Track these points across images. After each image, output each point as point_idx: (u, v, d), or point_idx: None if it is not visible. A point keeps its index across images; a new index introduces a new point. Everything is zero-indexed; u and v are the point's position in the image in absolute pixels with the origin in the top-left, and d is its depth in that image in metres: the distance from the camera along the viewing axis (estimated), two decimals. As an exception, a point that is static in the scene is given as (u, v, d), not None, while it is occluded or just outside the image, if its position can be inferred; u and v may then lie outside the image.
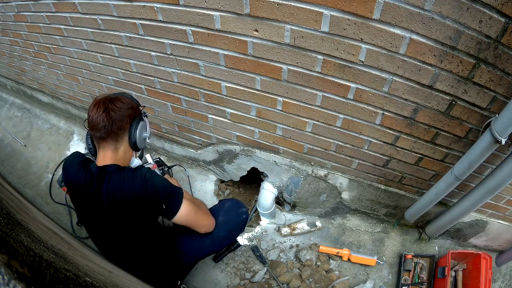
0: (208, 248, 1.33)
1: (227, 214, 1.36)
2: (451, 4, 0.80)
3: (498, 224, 1.53)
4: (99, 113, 0.98)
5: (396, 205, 1.55)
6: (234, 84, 1.29)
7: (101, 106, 0.99)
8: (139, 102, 1.14)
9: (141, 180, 0.98)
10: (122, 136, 1.04)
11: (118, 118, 1.01)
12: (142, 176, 0.99)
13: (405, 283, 1.55)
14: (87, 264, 0.75)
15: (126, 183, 0.97)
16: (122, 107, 1.03)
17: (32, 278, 0.36)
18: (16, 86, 2.67)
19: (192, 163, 1.97)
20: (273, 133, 1.43)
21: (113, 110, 1.00)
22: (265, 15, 0.99)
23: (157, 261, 1.21)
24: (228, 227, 1.34)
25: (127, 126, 1.05)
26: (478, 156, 1.03)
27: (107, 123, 0.99)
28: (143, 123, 1.11)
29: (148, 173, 1.00)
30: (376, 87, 1.06)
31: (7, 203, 0.79)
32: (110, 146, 1.03)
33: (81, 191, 1.02)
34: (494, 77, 0.93)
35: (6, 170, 2.41)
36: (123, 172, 0.99)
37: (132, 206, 0.99)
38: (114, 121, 1.00)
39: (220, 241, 1.34)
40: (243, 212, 1.41)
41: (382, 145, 1.26)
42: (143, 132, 1.11)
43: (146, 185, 0.98)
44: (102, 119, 0.98)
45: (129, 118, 1.05)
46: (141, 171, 1.01)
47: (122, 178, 0.98)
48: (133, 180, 0.97)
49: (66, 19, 1.49)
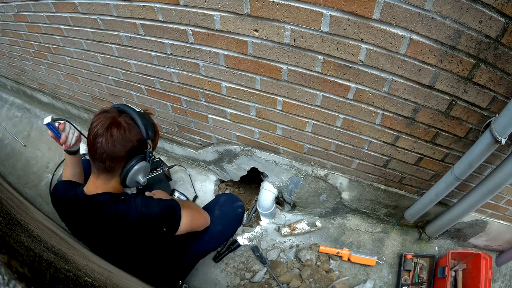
0: (207, 245, 1.34)
1: (222, 208, 1.37)
2: (451, 4, 0.80)
3: (498, 224, 1.53)
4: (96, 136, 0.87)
5: (396, 205, 1.55)
6: (234, 84, 1.29)
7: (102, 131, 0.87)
8: (151, 132, 0.97)
9: (137, 214, 0.94)
10: (113, 172, 0.94)
11: (110, 155, 0.89)
12: (138, 210, 0.94)
13: (405, 283, 1.55)
14: (87, 264, 0.75)
15: (123, 217, 0.94)
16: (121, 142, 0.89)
17: (32, 278, 0.36)
18: (16, 86, 2.67)
19: (192, 163, 1.97)
20: (273, 133, 1.43)
21: (108, 143, 0.87)
22: (265, 15, 0.99)
23: (158, 261, 1.21)
24: (224, 221, 1.34)
25: (119, 163, 0.93)
26: (478, 156, 1.03)
27: (98, 155, 0.89)
28: (142, 164, 0.96)
29: (143, 207, 0.95)
30: (376, 87, 1.06)
31: (7, 203, 0.79)
32: (101, 176, 0.95)
33: (72, 209, 0.99)
34: (494, 77, 0.93)
35: (6, 170, 2.41)
36: (117, 205, 0.94)
37: (132, 235, 0.99)
38: (107, 156, 0.89)
39: (218, 236, 1.34)
40: (239, 206, 1.40)
41: (382, 145, 1.26)
42: (138, 175, 0.96)
43: (144, 218, 0.95)
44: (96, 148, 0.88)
45: (125, 157, 0.92)
46: (136, 203, 0.95)
47: (117, 211, 0.94)
48: (128, 214, 0.94)
49: (66, 19, 1.49)
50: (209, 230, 1.29)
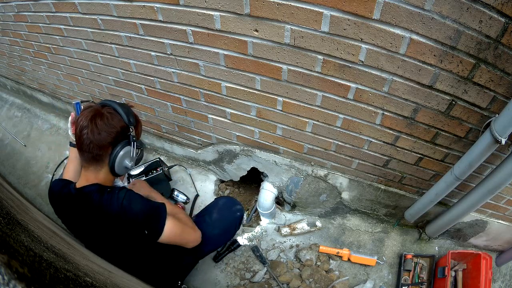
0: (204, 248, 1.32)
1: (221, 211, 1.35)
2: (451, 4, 0.80)
3: (498, 224, 1.53)
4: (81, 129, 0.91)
5: (396, 205, 1.55)
6: (234, 84, 1.29)
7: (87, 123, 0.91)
8: (132, 119, 1.02)
9: (118, 206, 0.93)
10: (101, 161, 0.97)
11: (98, 143, 0.92)
12: (119, 203, 0.94)
13: (405, 283, 1.55)
14: (87, 264, 0.75)
15: (105, 207, 0.94)
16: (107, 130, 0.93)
17: (32, 278, 0.36)
18: (16, 86, 2.67)
19: (192, 163, 1.97)
20: (273, 133, 1.43)
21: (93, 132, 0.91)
22: (265, 15, 0.99)
23: (156, 262, 1.20)
24: (222, 225, 1.33)
25: (107, 150, 0.96)
26: (478, 156, 1.03)
27: (86, 145, 0.92)
28: (127, 149, 0.99)
29: (125, 200, 0.95)
30: (376, 87, 1.06)
31: (7, 203, 0.79)
32: (91, 167, 0.98)
33: (66, 205, 1.01)
34: (494, 77, 0.93)
35: (6, 170, 2.41)
36: (102, 196, 0.95)
37: (114, 230, 0.98)
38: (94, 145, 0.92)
39: (215, 240, 1.33)
40: (238, 210, 1.38)
41: (382, 145, 1.26)
42: (124, 159, 1.00)
43: (125, 213, 0.94)
44: (82, 139, 0.92)
45: (111, 144, 0.95)
46: (118, 196, 0.95)
47: (100, 202, 0.94)
48: (110, 205, 0.93)
49: (66, 19, 1.49)
50: (207, 233, 1.26)
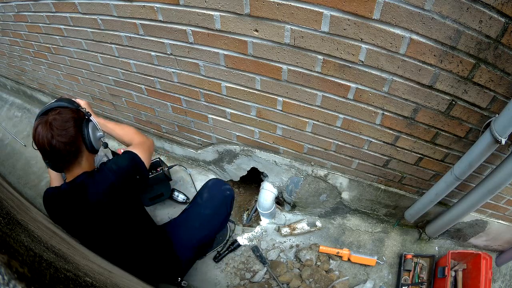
0: (198, 232, 1.35)
1: (210, 190, 1.41)
2: (451, 4, 0.80)
3: (498, 224, 1.53)
4: (49, 142, 0.92)
5: (396, 205, 1.55)
6: (234, 84, 1.29)
7: (46, 134, 0.92)
8: (75, 103, 1.08)
9: (112, 173, 1.04)
10: (79, 152, 1.02)
11: (67, 140, 0.95)
12: (110, 169, 1.05)
13: (405, 283, 1.55)
14: (87, 264, 0.75)
15: (101, 185, 1.02)
16: (66, 126, 0.96)
17: (32, 278, 0.36)
18: (16, 86, 2.67)
19: (192, 163, 1.97)
20: (273, 133, 1.43)
21: (60, 135, 0.93)
22: (265, 15, 0.99)
23: (154, 256, 1.21)
24: (213, 203, 1.38)
25: (79, 140, 1.00)
26: (478, 156, 1.03)
27: (62, 151, 0.95)
28: (91, 123, 1.06)
29: (113, 164, 1.06)
30: (376, 87, 1.06)
31: (7, 203, 0.79)
32: (74, 165, 1.03)
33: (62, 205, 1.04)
34: (494, 77, 0.93)
35: (6, 170, 2.41)
36: (94, 179, 1.02)
37: (117, 199, 1.05)
38: (66, 145, 0.95)
39: (208, 221, 1.36)
40: (227, 189, 1.43)
41: (382, 145, 1.26)
42: (96, 134, 1.07)
43: (118, 174, 1.05)
44: (56, 149, 0.94)
45: (77, 132, 0.99)
46: (107, 167, 1.05)
47: (95, 183, 1.01)
48: (105, 180, 1.03)
49: (66, 19, 1.49)
50: (199, 214, 1.34)
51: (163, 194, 1.76)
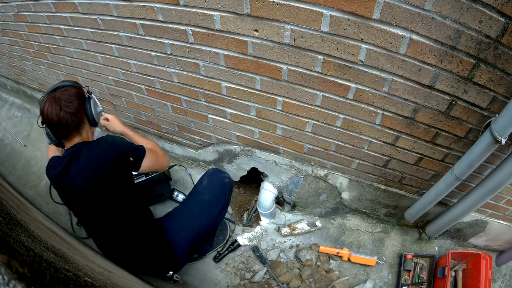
0: (196, 220, 1.34)
1: (209, 177, 1.45)
2: (451, 4, 0.80)
3: (498, 224, 1.53)
4: (57, 111, 1.04)
5: (396, 205, 1.55)
6: (234, 84, 1.29)
7: (55, 104, 1.04)
8: (78, 84, 1.20)
9: (107, 144, 1.11)
10: (81, 123, 1.14)
11: (73, 111, 1.08)
12: (106, 141, 1.13)
13: (405, 283, 1.55)
14: (87, 264, 0.75)
15: (94, 151, 1.10)
16: (71, 100, 1.08)
17: (32, 278, 0.36)
18: (16, 86, 2.67)
19: (192, 163, 1.97)
20: (273, 133, 1.43)
21: (67, 105, 1.06)
22: (265, 15, 0.99)
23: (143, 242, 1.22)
24: (212, 189, 1.41)
25: (82, 112, 1.13)
26: (478, 156, 1.03)
27: (69, 120, 1.07)
28: (92, 100, 1.18)
29: (110, 137, 1.15)
30: (376, 87, 1.06)
31: (7, 203, 0.79)
32: (75, 135, 1.13)
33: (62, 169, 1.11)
34: (494, 77, 0.93)
35: (6, 170, 2.41)
36: (89, 145, 1.12)
37: (106, 170, 1.10)
38: (72, 115, 1.07)
39: (207, 207, 1.37)
40: (226, 177, 1.47)
41: (382, 145, 1.26)
42: (97, 109, 1.20)
43: (112, 147, 1.12)
44: (63, 118, 1.05)
45: (81, 105, 1.12)
46: (103, 138, 1.15)
47: (90, 149, 1.10)
48: (99, 148, 1.11)
49: (66, 19, 1.49)
50: (198, 201, 1.37)
51: (163, 194, 1.77)
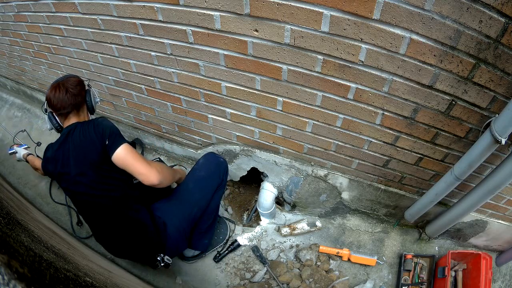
0: (192, 196, 1.40)
1: (205, 157, 1.55)
2: (451, 4, 0.80)
3: (498, 224, 1.53)
4: (63, 94, 1.23)
5: (396, 205, 1.55)
6: (234, 84, 1.29)
7: (61, 89, 1.23)
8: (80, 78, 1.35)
9: (94, 123, 1.23)
10: (81, 106, 1.31)
11: (76, 93, 1.26)
12: (95, 121, 1.25)
13: (405, 283, 1.55)
14: (87, 264, 0.75)
15: (85, 127, 1.22)
16: (74, 84, 1.27)
17: (32, 278, 0.36)
18: (16, 86, 2.67)
19: (192, 163, 1.97)
20: (273, 133, 1.43)
21: (71, 88, 1.25)
22: (265, 15, 0.99)
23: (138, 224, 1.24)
24: (208, 167, 1.49)
25: (83, 96, 1.31)
26: (478, 156, 1.03)
27: (71, 99, 1.25)
28: (92, 91, 1.36)
29: (100, 119, 1.27)
30: (376, 87, 1.06)
31: (7, 203, 0.79)
32: (74, 115, 1.29)
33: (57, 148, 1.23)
34: (494, 77, 0.93)
35: (6, 170, 2.41)
36: (82, 124, 1.24)
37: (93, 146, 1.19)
38: (75, 96, 1.26)
39: (203, 182, 1.44)
40: (221, 157, 1.58)
41: (382, 145, 1.26)
42: (95, 98, 1.38)
43: (98, 126, 1.23)
44: (67, 98, 1.24)
45: (82, 91, 1.31)
46: (95, 119, 1.27)
47: (83, 125, 1.23)
48: (88, 126, 1.23)
49: (66, 19, 1.49)
50: (193, 175, 1.47)
51: (163, 194, 1.77)
